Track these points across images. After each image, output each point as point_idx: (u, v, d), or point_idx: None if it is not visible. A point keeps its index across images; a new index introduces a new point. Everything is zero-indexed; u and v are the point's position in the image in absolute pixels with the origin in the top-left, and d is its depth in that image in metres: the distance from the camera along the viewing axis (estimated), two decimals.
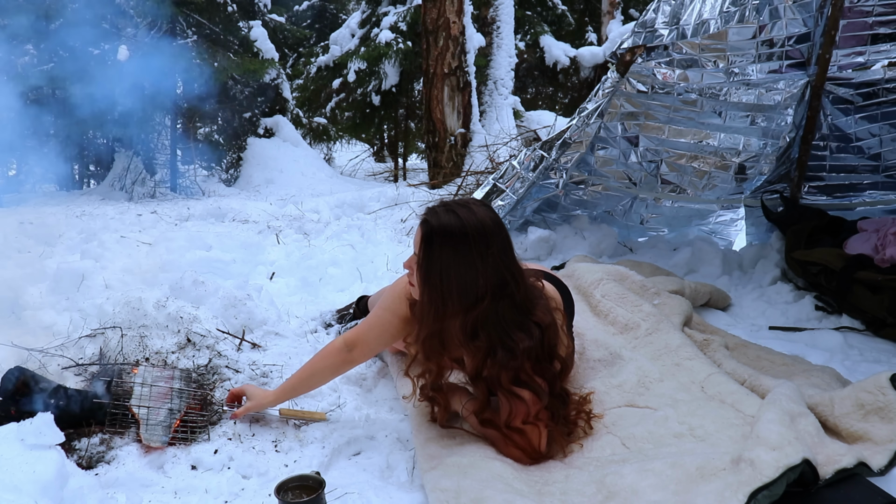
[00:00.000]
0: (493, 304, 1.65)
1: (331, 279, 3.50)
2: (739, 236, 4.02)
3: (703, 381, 2.00)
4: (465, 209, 1.68)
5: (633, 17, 11.40)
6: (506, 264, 1.67)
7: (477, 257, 1.64)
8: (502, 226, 1.72)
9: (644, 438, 1.77)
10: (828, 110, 3.38)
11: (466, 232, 1.64)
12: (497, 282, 1.65)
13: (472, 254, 1.64)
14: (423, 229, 1.70)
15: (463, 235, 1.64)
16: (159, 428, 1.91)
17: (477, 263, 1.64)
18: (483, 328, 1.67)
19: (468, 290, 1.65)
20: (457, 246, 1.64)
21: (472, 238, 1.63)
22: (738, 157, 3.55)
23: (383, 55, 9.48)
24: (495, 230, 1.67)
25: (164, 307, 2.52)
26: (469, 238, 1.63)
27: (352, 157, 11.71)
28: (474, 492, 1.51)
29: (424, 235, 1.69)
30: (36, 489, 1.49)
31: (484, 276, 1.64)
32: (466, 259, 1.64)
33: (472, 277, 1.64)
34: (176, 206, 6.17)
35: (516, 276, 1.70)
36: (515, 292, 1.68)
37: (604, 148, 3.51)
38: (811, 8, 2.90)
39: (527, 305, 1.71)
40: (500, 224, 1.71)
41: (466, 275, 1.65)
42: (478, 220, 1.65)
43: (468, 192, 5.62)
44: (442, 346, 1.74)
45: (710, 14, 2.77)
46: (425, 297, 1.71)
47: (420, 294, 1.74)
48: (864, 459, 1.58)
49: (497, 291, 1.65)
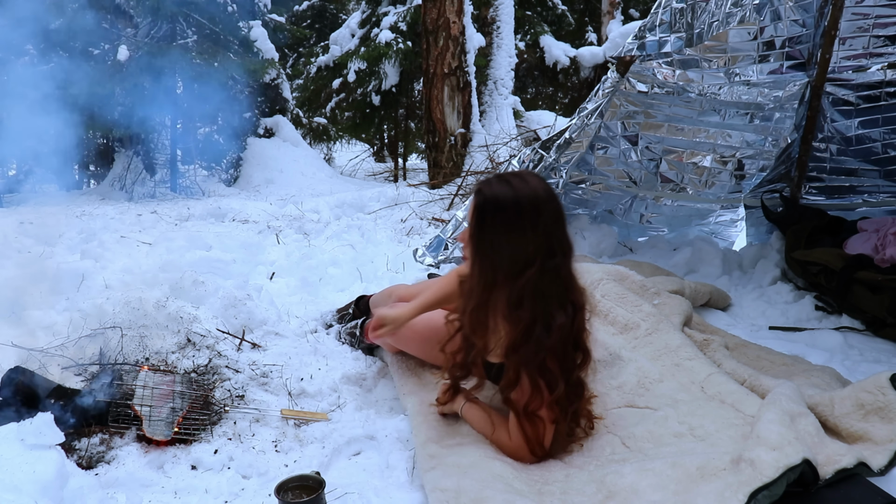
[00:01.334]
0: (540, 274, 1.66)
1: (331, 279, 3.50)
2: (739, 236, 4.02)
3: (703, 382, 2.00)
4: (519, 179, 1.69)
5: (632, 17, 11.42)
6: (556, 235, 1.68)
7: (528, 225, 1.65)
8: (555, 197, 1.72)
9: (644, 438, 1.77)
10: (828, 112, 3.38)
11: (519, 200, 1.65)
12: (546, 250, 1.66)
13: (524, 222, 1.65)
14: (476, 199, 1.71)
15: (515, 204, 1.65)
16: (162, 423, 1.91)
17: (528, 231, 1.65)
18: (527, 298, 1.67)
19: (518, 257, 1.66)
20: (508, 215, 1.66)
21: (524, 207, 1.65)
22: (737, 155, 3.56)
23: (383, 55, 9.48)
24: (547, 199, 1.68)
25: (164, 307, 2.52)
26: (521, 206, 1.65)
27: (352, 157, 11.71)
28: (474, 492, 1.51)
29: (477, 206, 1.71)
30: (36, 489, 1.49)
31: (534, 242, 1.65)
32: (518, 227, 1.65)
33: (523, 244, 1.65)
34: (176, 206, 6.17)
35: (565, 248, 1.70)
36: (562, 265, 1.69)
37: (604, 147, 3.51)
38: (811, 8, 2.90)
39: (568, 282, 1.72)
40: (553, 195, 1.71)
41: (517, 242, 1.66)
42: (530, 190, 1.67)
43: (468, 191, 5.63)
44: (486, 319, 1.74)
45: (714, 18, 2.77)
46: (476, 267, 1.73)
47: (471, 265, 1.76)
48: (864, 459, 1.58)
49: (545, 261, 1.66)
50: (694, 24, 2.77)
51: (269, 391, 2.23)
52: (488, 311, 1.73)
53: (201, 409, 2.02)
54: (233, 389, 2.18)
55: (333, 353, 2.53)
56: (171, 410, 1.95)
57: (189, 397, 2.02)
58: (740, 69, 3.05)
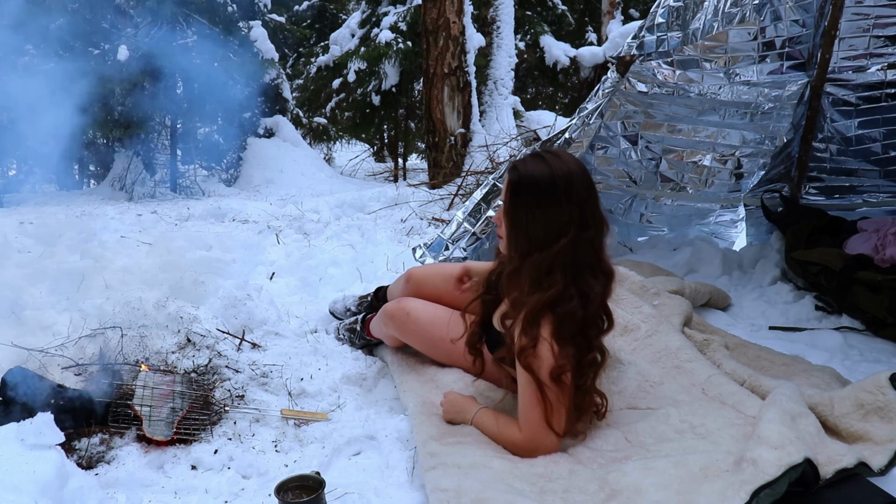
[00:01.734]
0: (574, 244, 1.70)
1: (331, 279, 3.50)
2: (739, 236, 4.02)
3: (704, 384, 2.01)
4: (552, 155, 1.76)
5: (632, 17, 11.42)
6: (589, 207, 1.73)
7: (562, 197, 1.70)
8: (587, 172, 1.77)
9: (646, 433, 1.78)
10: (828, 112, 3.38)
11: (553, 173, 1.71)
12: (579, 221, 1.71)
13: (558, 194, 1.70)
14: (511, 176, 1.77)
15: (550, 176, 1.71)
16: (162, 423, 1.91)
17: (562, 202, 1.70)
18: (559, 266, 1.71)
19: (552, 227, 1.71)
20: (542, 188, 1.72)
21: (558, 179, 1.70)
22: (737, 154, 3.56)
23: (383, 55, 9.48)
24: (580, 173, 1.74)
25: (164, 307, 2.52)
26: (555, 179, 1.70)
27: (352, 157, 11.71)
28: (475, 492, 1.51)
29: (511, 181, 1.76)
30: (36, 489, 1.49)
31: (568, 213, 1.70)
32: (552, 198, 1.70)
33: (557, 215, 1.71)
34: (176, 206, 6.17)
35: (598, 221, 1.75)
36: (595, 237, 1.74)
37: (604, 147, 3.51)
38: (811, 8, 2.89)
39: (600, 254, 1.77)
40: (585, 170, 1.77)
41: (551, 213, 1.71)
42: (563, 164, 1.73)
43: (468, 191, 5.63)
44: (520, 283, 1.77)
45: (713, 17, 2.77)
46: (512, 239, 1.79)
47: (507, 238, 1.80)
48: (864, 459, 1.58)
49: (579, 232, 1.71)
50: (690, 22, 2.77)
51: (269, 391, 2.23)
52: (521, 277, 1.77)
53: (201, 409, 2.02)
54: (233, 389, 2.18)
55: (333, 353, 2.53)
56: (171, 410, 1.95)
57: (189, 397, 2.02)
58: (740, 69, 3.05)
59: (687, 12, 2.79)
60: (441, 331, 2.17)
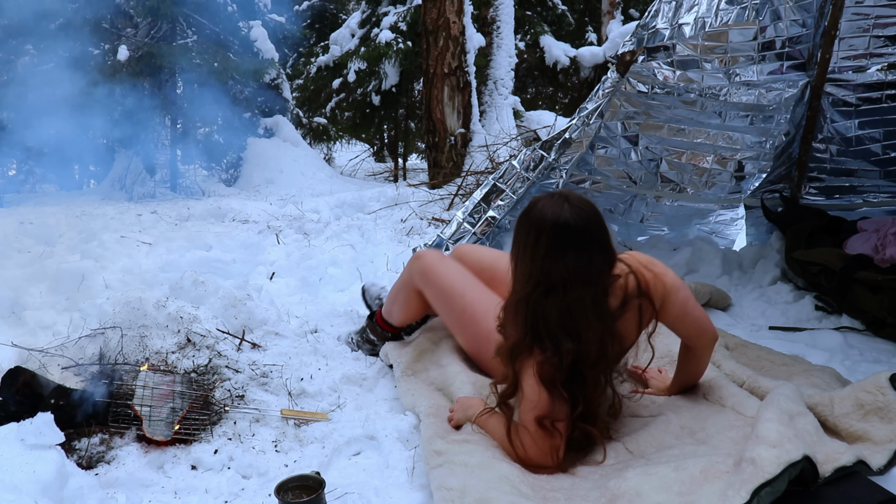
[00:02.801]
0: (533, 300, 1.65)
1: (331, 279, 3.50)
2: (739, 236, 4.02)
3: (703, 387, 2.02)
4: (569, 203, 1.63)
5: (633, 17, 11.41)
6: (557, 268, 1.62)
7: (531, 248, 1.64)
8: (564, 228, 1.61)
9: (647, 442, 1.78)
10: (828, 113, 3.38)
11: (538, 218, 1.64)
12: (539, 279, 1.64)
13: (529, 242, 1.64)
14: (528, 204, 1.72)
15: (534, 221, 1.64)
16: (162, 423, 1.92)
17: (530, 252, 1.64)
18: (522, 316, 1.68)
19: (520, 274, 1.69)
20: (524, 231, 1.67)
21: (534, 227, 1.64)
22: (738, 156, 3.55)
23: (383, 55, 9.47)
24: (562, 232, 1.61)
25: (164, 307, 2.52)
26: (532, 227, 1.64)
27: (352, 157, 11.70)
28: (479, 492, 1.51)
29: (524, 210, 1.71)
30: (36, 489, 1.49)
31: (531, 267, 1.64)
32: (524, 246, 1.66)
33: (524, 265, 1.67)
34: (176, 206, 6.17)
35: (570, 283, 1.62)
36: (567, 296, 1.63)
37: (604, 147, 3.51)
38: (812, 8, 2.89)
39: (578, 313, 1.65)
40: (576, 231, 1.62)
41: (521, 260, 1.68)
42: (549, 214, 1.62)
43: (468, 191, 5.63)
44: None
45: (709, 13, 2.77)
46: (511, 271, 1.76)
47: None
48: (863, 458, 1.58)
49: (542, 289, 1.64)
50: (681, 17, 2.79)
51: (269, 391, 2.23)
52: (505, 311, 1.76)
53: (201, 409, 2.02)
54: (233, 389, 2.18)
55: (333, 353, 2.53)
56: (171, 410, 1.95)
57: (189, 397, 2.02)
58: (740, 69, 3.05)
59: (680, 10, 2.80)
60: (462, 287, 2.17)
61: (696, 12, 2.78)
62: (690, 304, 1.84)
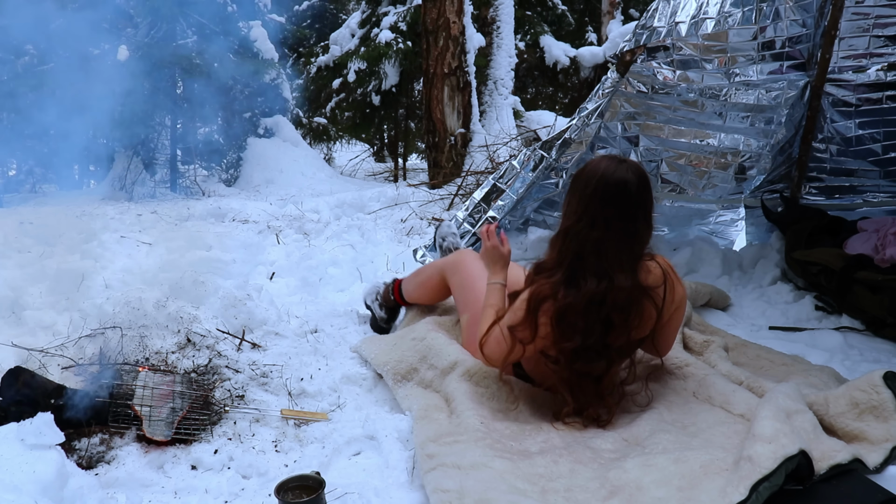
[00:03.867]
0: (573, 235, 1.85)
1: (331, 279, 3.49)
2: (739, 236, 4.02)
3: (695, 387, 2.03)
4: (617, 162, 1.85)
5: (633, 17, 11.40)
6: (599, 210, 1.81)
7: (579, 191, 1.86)
8: (626, 185, 1.81)
9: (640, 429, 1.81)
10: (828, 113, 3.38)
11: (588, 170, 1.87)
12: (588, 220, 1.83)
13: (578, 188, 1.87)
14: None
15: (583, 171, 1.88)
16: (162, 423, 1.91)
17: (577, 196, 1.86)
18: (562, 250, 1.87)
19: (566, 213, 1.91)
20: (574, 179, 1.92)
21: (584, 176, 1.86)
22: (738, 158, 3.55)
23: (383, 55, 9.47)
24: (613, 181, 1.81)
25: (164, 307, 2.52)
26: (582, 175, 1.87)
27: (352, 157, 11.69)
28: (478, 493, 1.51)
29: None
30: (36, 489, 1.49)
31: (581, 207, 1.83)
32: (573, 190, 1.89)
33: (570, 204, 1.89)
34: (176, 206, 6.16)
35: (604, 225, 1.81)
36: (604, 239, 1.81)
37: (604, 148, 3.51)
38: (811, 8, 2.90)
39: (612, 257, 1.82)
40: (623, 182, 1.81)
41: (569, 202, 1.90)
42: (605, 168, 1.83)
43: (468, 191, 5.63)
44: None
45: (710, 13, 2.78)
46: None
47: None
48: (859, 456, 1.59)
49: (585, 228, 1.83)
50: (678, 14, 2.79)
51: (269, 391, 2.23)
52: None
53: (201, 409, 2.02)
54: (233, 389, 2.18)
55: (333, 353, 2.53)
56: (171, 410, 1.95)
57: (189, 397, 2.02)
58: (740, 69, 3.05)
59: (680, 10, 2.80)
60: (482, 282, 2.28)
61: (695, 12, 2.78)
62: (678, 322, 2.02)
